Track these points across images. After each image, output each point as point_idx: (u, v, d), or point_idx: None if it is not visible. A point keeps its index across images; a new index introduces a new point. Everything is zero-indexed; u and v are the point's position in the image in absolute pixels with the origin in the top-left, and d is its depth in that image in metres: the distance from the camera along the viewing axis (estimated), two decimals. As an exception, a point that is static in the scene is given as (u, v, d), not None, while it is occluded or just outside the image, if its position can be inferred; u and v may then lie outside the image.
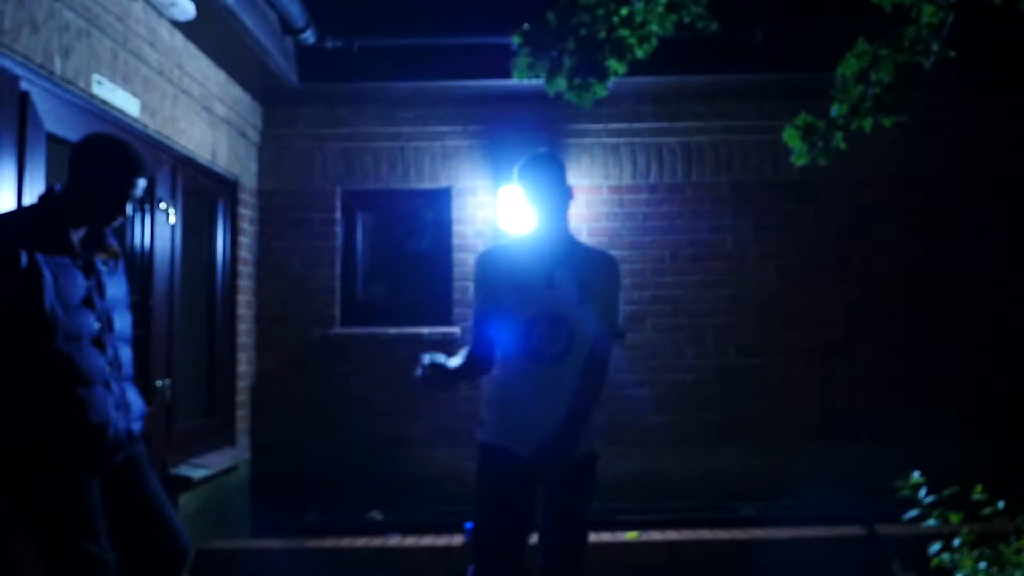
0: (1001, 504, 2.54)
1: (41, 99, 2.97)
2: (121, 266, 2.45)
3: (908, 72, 2.68)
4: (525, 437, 2.46)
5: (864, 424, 5.06)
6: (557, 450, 2.42)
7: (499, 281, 2.55)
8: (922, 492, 2.56)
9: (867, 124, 2.78)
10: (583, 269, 2.55)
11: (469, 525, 2.95)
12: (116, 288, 2.38)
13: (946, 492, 2.54)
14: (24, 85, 2.88)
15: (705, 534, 4.34)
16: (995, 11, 2.64)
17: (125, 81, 3.53)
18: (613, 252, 2.80)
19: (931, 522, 2.51)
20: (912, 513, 2.57)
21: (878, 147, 4.75)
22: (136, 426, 2.38)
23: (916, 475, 2.60)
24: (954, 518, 2.49)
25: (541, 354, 2.48)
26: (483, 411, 2.63)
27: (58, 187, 2.30)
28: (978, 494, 2.55)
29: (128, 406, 2.34)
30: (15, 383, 2.14)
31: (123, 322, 2.39)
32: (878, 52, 2.69)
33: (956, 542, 2.51)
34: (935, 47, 2.67)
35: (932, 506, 2.53)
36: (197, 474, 4.09)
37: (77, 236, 2.28)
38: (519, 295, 2.50)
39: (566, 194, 2.56)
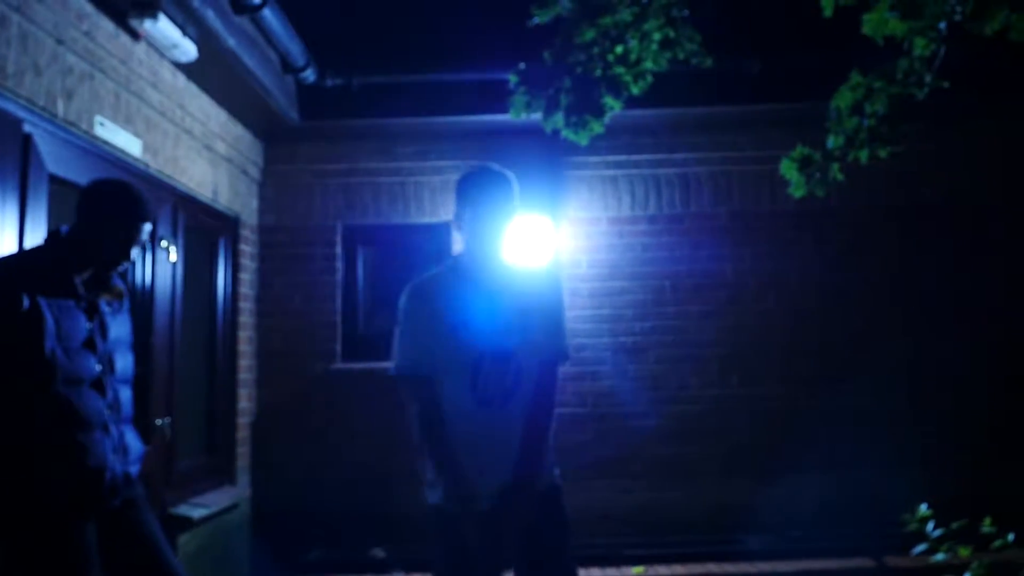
0: (1011, 536, 2.50)
1: (44, 141, 2.99)
2: (126, 306, 2.45)
3: (902, 104, 2.70)
4: (483, 487, 2.19)
5: (870, 454, 5.01)
6: (518, 493, 2.19)
7: (432, 319, 2.25)
8: (930, 526, 2.52)
9: (863, 155, 2.80)
10: (523, 292, 2.30)
11: None
12: (119, 328, 2.37)
13: (955, 525, 2.51)
14: (27, 127, 2.91)
15: (712, 568, 4.28)
16: (987, 41, 2.67)
17: (127, 122, 3.57)
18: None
19: (940, 556, 2.48)
20: (921, 547, 2.53)
21: (876, 176, 4.77)
22: (134, 469, 2.35)
23: (924, 508, 2.57)
24: (963, 552, 2.45)
25: (488, 397, 2.22)
26: (427, 469, 2.32)
27: (64, 229, 2.31)
28: (987, 527, 2.51)
29: (126, 449, 2.32)
30: (13, 427, 2.13)
31: (124, 363, 2.38)
32: (872, 84, 2.72)
33: (966, 576, 2.48)
34: (928, 78, 2.69)
35: (940, 539, 2.49)
36: (197, 513, 4.04)
37: (81, 278, 2.28)
38: (459, 334, 2.23)
39: (511, 215, 2.28)
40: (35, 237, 2.84)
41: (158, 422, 3.87)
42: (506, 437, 2.23)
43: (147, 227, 2.34)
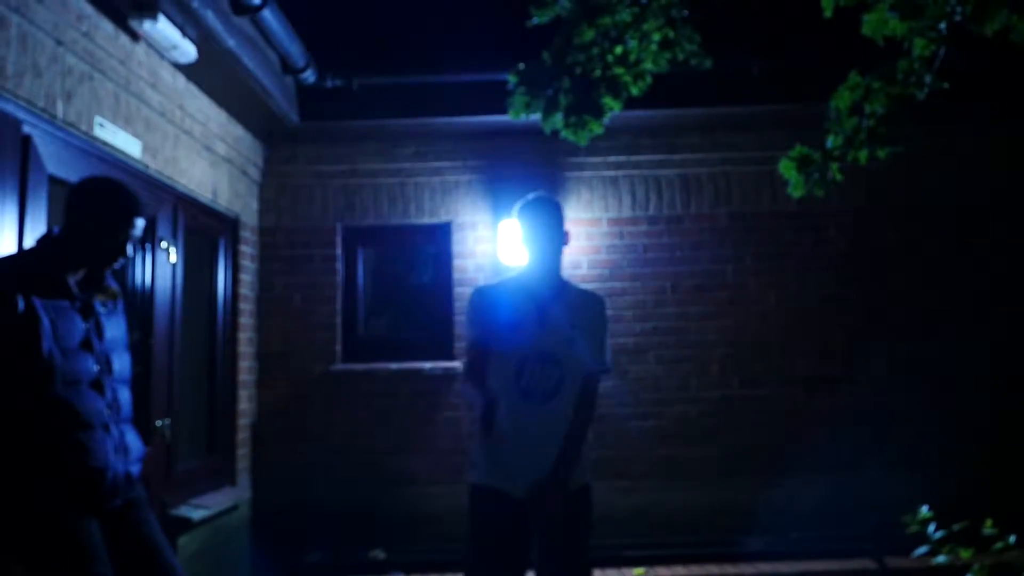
0: (1013, 538, 2.49)
1: (43, 142, 2.99)
2: (120, 307, 2.44)
3: (901, 104, 2.69)
4: (518, 475, 2.49)
5: (870, 454, 5.00)
6: (551, 487, 2.46)
7: (492, 319, 2.61)
8: (931, 527, 2.51)
9: (863, 156, 2.79)
10: (574, 309, 2.63)
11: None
12: (115, 329, 2.37)
13: (955, 527, 2.50)
14: (26, 129, 2.91)
15: (713, 569, 4.28)
16: (987, 41, 2.66)
17: (127, 123, 3.57)
18: (605, 288, 2.81)
19: (941, 558, 2.47)
20: (922, 549, 2.52)
21: (876, 177, 4.78)
22: (135, 468, 2.35)
23: (924, 510, 2.56)
24: (965, 554, 2.44)
25: (531, 392, 2.53)
26: (474, 451, 2.65)
27: (56, 230, 2.30)
28: (988, 528, 2.51)
29: (127, 449, 2.32)
30: (14, 429, 2.13)
31: (122, 363, 2.38)
32: (871, 84, 2.71)
33: (968, 577, 2.47)
34: (928, 79, 2.68)
35: (942, 541, 2.49)
36: (197, 515, 4.04)
37: (75, 279, 2.27)
38: (511, 334, 2.56)
39: (562, 237, 2.63)
40: (35, 239, 2.83)
41: (158, 423, 3.87)
42: (547, 433, 2.51)
43: (140, 223, 2.33)
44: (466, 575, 2.64)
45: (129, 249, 2.33)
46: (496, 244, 5.23)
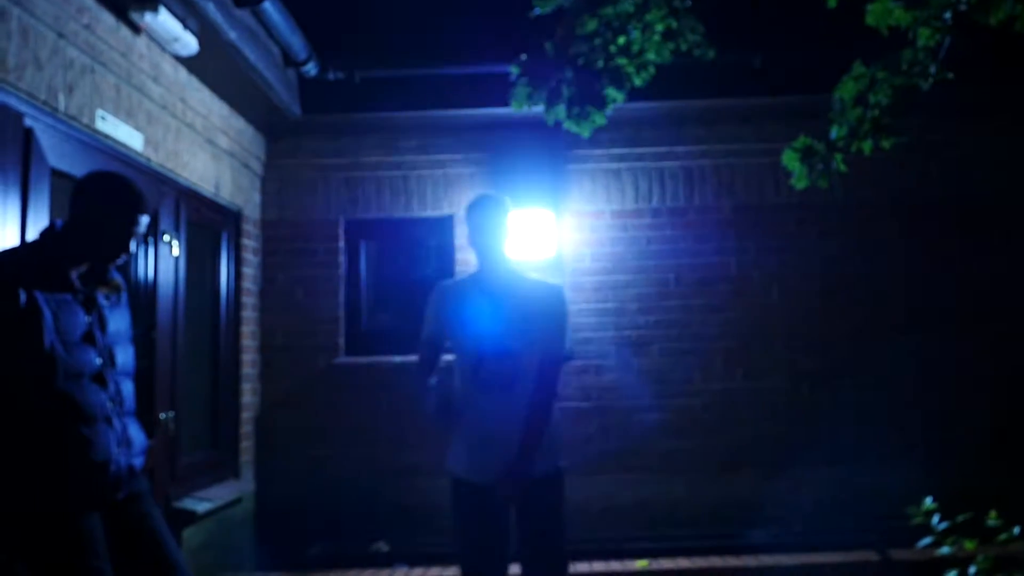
0: (1016, 530, 2.49)
1: (45, 135, 2.99)
2: (124, 299, 2.44)
3: (906, 94, 2.68)
4: (485, 466, 2.61)
5: (873, 446, 4.99)
6: (513, 471, 2.56)
7: (448, 316, 2.77)
8: (935, 519, 2.51)
9: (867, 146, 2.77)
10: (527, 300, 2.70)
11: None
12: (118, 322, 2.37)
13: (959, 518, 2.50)
14: (28, 122, 2.91)
15: (716, 561, 4.27)
16: (992, 32, 2.65)
17: (128, 116, 3.57)
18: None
19: (945, 549, 2.47)
20: (926, 541, 2.52)
21: (881, 168, 4.75)
22: (138, 462, 2.35)
23: (928, 501, 2.56)
24: (969, 545, 2.44)
25: (490, 384, 2.64)
26: (451, 444, 2.78)
27: (59, 224, 2.30)
28: (993, 520, 2.50)
29: (130, 442, 2.32)
30: (16, 422, 2.13)
31: (125, 356, 2.38)
32: (875, 75, 2.69)
33: (972, 569, 2.46)
34: (933, 69, 2.67)
35: (945, 532, 2.48)
36: (201, 507, 4.05)
37: (78, 272, 2.27)
38: (468, 330, 2.70)
39: (504, 233, 2.73)
40: (37, 232, 2.83)
41: (162, 416, 3.88)
42: (507, 423, 2.59)
43: (144, 219, 2.32)
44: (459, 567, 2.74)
45: (132, 245, 2.32)
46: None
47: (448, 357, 2.84)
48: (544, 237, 5.22)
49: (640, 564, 4.25)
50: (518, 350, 2.64)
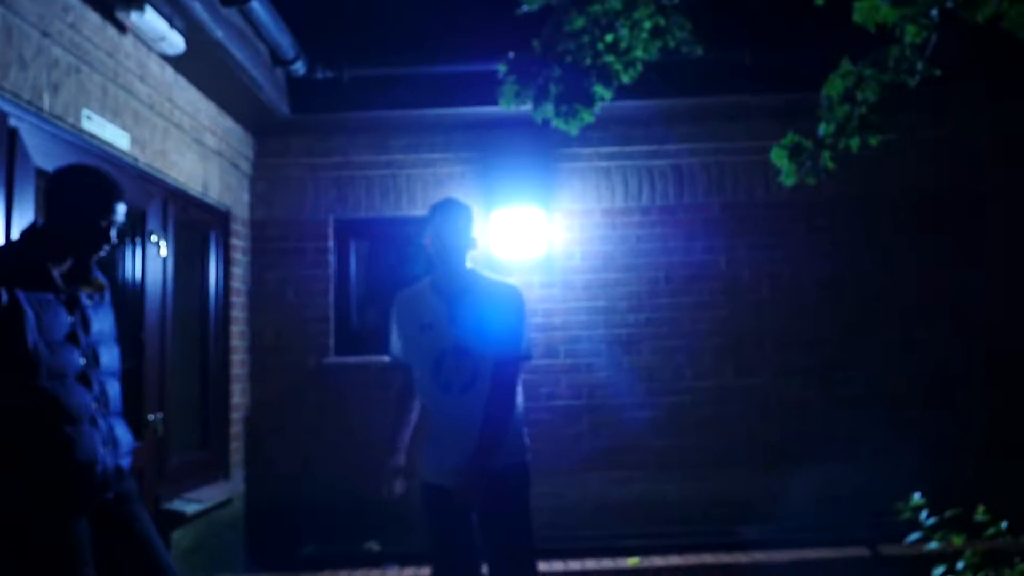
0: (1004, 524, 2.50)
1: (30, 135, 2.97)
2: (107, 299, 2.42)
3: (893, 91, 2.69)
4: (447, 468, 2.64)
5: (865, 443, 5.01)
6: (471, 473, 2.56)
7: (408, 321, 2.80)
8: (923, 514, 2.52)
9: (854, 143, 2.78)
10: (485, 301, 2.72)
11: None
12: (102, 322, 2.35)
13: (948, 513, 2.51)
14: (13, 122, 2.88)
15: (708, 558, 4.28)
16: (978, 28, 2.66)
17: (115, 115, 3.54)
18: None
19: (933, 544, 2.48)
20: (915, 536, 2.53)
21: (869, 164, 4.75)
22: (125, 462, 2.34)
23: (917, 497, 2.57)
24: (957, 540, 2.45)
25: (449, 385, 2.68)
26: (422, 443, 2.83)
27: (40, 223, 2.28)
28: (981, 515, 2.51)
29: (116, 442, 2.30)
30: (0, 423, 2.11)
31: (110, 356, 2.36)
32: (863, 72, 2.70)
33: (960, 564, 2.48)
34: (920, 66, 2.68)
35: (934, 528, 2.50)
36: (190, 509, 4.03)
37: (60, 271, 2.25)
38: (426, 333, 2.73)
39: (468, 237, 2.76)
40: (19, 232, 2.82)
41: (150, 417, 3.85)
42: (467, 424, 2.62)
43: (121, 207, 2.31)
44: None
45: (113, 235, 2.31)
46: (488, 235, 5.21)
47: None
48: (534, 236, 5.21)
49: (632, 561, 4.26)
50: (477, 350, 2.66)
